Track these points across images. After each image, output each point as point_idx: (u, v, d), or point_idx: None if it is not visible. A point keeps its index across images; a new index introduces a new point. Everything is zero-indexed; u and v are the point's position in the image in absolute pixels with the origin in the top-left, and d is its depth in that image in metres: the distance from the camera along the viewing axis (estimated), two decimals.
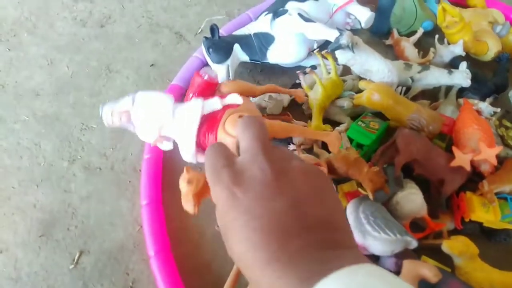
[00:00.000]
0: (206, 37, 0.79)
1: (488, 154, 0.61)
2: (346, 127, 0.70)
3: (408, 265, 0.53)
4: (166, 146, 0.64)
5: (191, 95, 0.65)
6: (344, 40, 0.67)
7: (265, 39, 0.81)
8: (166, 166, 0.74)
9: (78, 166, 0.76)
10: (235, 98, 0.60)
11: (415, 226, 0.65)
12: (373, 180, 0.59)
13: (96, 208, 0.71)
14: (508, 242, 0.66)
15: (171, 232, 0.67)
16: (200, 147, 0.60)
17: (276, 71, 0.88)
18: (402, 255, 0.60)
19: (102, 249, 0.67)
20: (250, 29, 0.83)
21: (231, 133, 0.56)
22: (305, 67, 0.84)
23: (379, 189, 0.61)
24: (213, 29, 0.79)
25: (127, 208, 0.71)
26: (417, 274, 0.52)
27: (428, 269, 0.52)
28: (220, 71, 0.80)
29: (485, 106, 0.68)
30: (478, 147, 0.62)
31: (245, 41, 0.81)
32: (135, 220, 0.69)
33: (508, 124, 0.72)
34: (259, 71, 0.89)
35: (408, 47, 0.86)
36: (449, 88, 0.79)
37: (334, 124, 0.77)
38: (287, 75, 0.88)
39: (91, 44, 0.95)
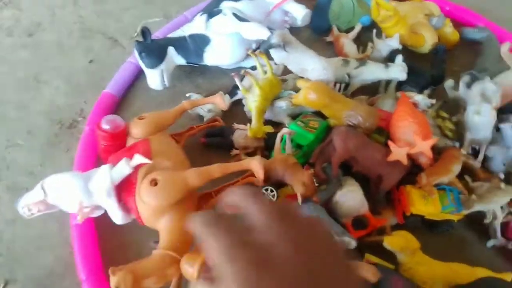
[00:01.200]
0: (138, 41, 0.75)
1: (423, 146, 0.61)
2: (290, 132, 0.68)
3: None
4: (98, 213, 0.60)
5: (102, 146, 0.62)
6: (274, 40, 0.65)
7: (201, 41, 0.78)
8: None
9: (2, 187, 0.70)
10: (141, 159, 0.56)
11: (360, 223, 0.64)
12: (306, 185, 0.58)
13: (22, 232, 0.65)
14: (451, 232, 0.66)
15: (105, 252, 0.63)
16: (127, 210, 0.57)
17: (216, 73, 0.85)
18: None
19: (30, 277, 0.62)
20: (185, 31, 0.79)
21: (149, 202, 0.53)
22: (245, 68, 0.82)
23: (310, 196, 0.59)
24: (144, 32, 0.75)
25: (56, 229, 0.65)
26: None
27: (365, 269, 0.50)
28: (154, 76, 0.76)
29: (421, 98, 0.68)
30: (413, 140, 0.62)
31: (180, 44, 0.78)
32: (65, 242, 0.64)
33: (444, 114, 0.73)
34: (198, 74, 0.86)
35: (347, 43, 0.85)
36: (388, 82, 0.79)
37: (277, 125, 0.75)
38: (228, 77, 0.85)
39: (17, 54, 0.88)
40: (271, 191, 0.62)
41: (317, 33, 0.93)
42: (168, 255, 0.51)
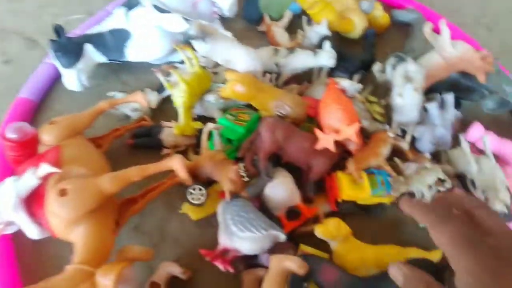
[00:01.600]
0: (52, 40, 0.70)
1: (348, 132, 0.61)
2: (216, 127, 0.65)
3: (273, 260, 0.50)
4: (13, 229, 0.54)
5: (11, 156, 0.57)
6: (192, 31, 0.62)
7: (121, 36, 0.73)
8: None
9: None
10: (47, 169, 0.51)
11: (294, 214, 0.63)
12: (233, 181, 0.55)
13: None
14: (385, 215, 0.66)
15: (24, 270, 0.58)
16: (42, 224, 0.52)
17: (144, 69, 0.81)
18: (279, 249, 0.57)
19: None
20: (104, 26, 0.74)
21: (58, 214, 0.49)
22: (174, 63, 0.78)
23: (238, 191, 0.57)
24: (58, 30, 0.69)
25: None
26: (284, 268, 0.50)
27: (291, 262, 0.49)
28: (71, 76, 0.71)
29: (348, 84, 0.68)
30: (339, 127, 0.61)
31: (99, 40, 0.73)
32: None
33: (372, 98, 0.73)
34: (126, 70, 0.81)
35: (278, 32, 0.84)
36: (321, 70, 0.78)
37: (210, 120, 0.72)
38: None
39: None
40: (200, 189, 0.60)
41: (249, 23, 0.91)
42: (82, 269, 0.48)
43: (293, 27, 0.89)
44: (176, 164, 0.54)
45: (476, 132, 0.67)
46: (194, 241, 0.63)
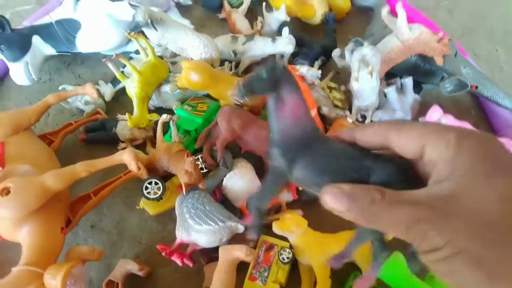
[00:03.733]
0: None
1: None
2: (169, 117, 0.63)
3: (221, 251, 0.50)
4: None
5: None
6: (139, 17, 0.59)
7: (70, 26, 0.70)
8: None
9: None
10: None
11: None
12: (189, 173, 0.54)
13: None
14: None
15: None
16: None
17: (99, 60, 0.76)
18: (238, 240, 0.56)
19: None
20: (52, 17, 0.70)
21: (2, 214, 0.46)
22: (130, 52, 0.76)
23: (196, 183, 0.56)
24: (1, 21, 0.65)
25: None
26: (232, 258, 0.49)
27: (239, 251, 0.49)
28: (18, 70, 0.67)
29: (305, 70, 0.67)
30: None
31: (47, 31, 0.69)
32: None
33: (332, 84, 0.72)
34: (80, 63, 0.78)
35: (238, 18, 0.82)
36: (282, 57, 0.77)
37: (165, 111, 0.70)
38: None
39: None
40: (156, 183, 0.58)
41: (209, 10, 0.88)
42: (28, 270, 0.46)
43: (254, 14, 0.88)
44: (126, 157, 0.52)
45: (435, 114, 0.67)
46: (155, 237, 0.61)
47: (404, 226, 0.21)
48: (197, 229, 0.53)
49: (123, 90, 0.73)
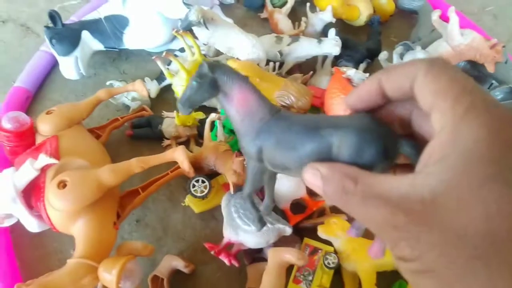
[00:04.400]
0: (47, 27, 0.67)
1: None
2: (217, 116, 0.63)
3: (271, 254, 0.50)
4: (10, 222, 0.53)
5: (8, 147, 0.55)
6: (192, 17, 0.60)
7: (119, 22, 0.71)
8: None
9: None
10: (46, 160, 0.50)
11: (299, 207, 0.62)
12: (237, 173, 0.54)
13: None
14: None
15: (24, 265, 0.57)
16: (41, 216, 0.50)
17: (143, 57, 0.79)
18: (283, 242, 0.56)
19: None
20: (101, 13, 0.71)
21: (58, 207, 0.47)
22: (174, 50, 0.76)
23: (243, 184, 0.55)
24: (53, 16, 0.67)
25: None
26: (283, 261, 0.49)
27: (290, 254, 0.48)
28: (68, 64, 0.68)
29: (353, 73, 0.66)
30: None
31: (96, 27, 0.70)
32: None
33: None
34: (124, 59, 0.79)
35: (281, 19, 0.81)
36: (325, 58, 0.76)
37: (211, 110, 0.70)
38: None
39: None
40: (202, 181, 0.58)
41: (251, 10, 0.88)
42: (84, 263, 0.46)
43: (296, 14, 0.87)
44: (179, 155, 0.53)
45: None
46: (197, 234, 0.62)
47: (375, 225, 0.19)
48: (245, 230, 0.53)
49: (167, 88, 0.74)
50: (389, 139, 0.22)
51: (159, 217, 0.63)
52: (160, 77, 0.73)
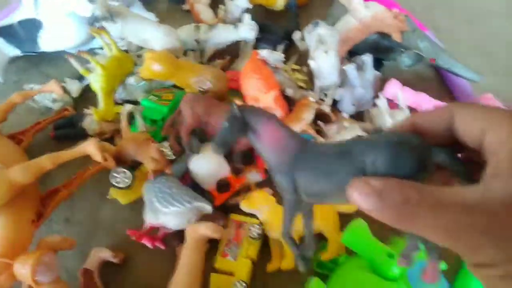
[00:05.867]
0: None
1: (266, 100, 0.62)
2: (131, 108, 0.64)
3: (188, 229, 0.52)
4: None
5: None
6: (98, 12, 0.60)
7: (32, 26, 0.70)
8: None
9: None
10: None
11: (225, 186, 0.64)
12: (155, 159, 0.56)
13: None
14: None
15: None
16: None
17: (65, 58, 0.78)
18: (208, 220, 0.58)
19: None
20: (14, 18, 0.71)
21: None
22: (95, 49, 0.77)
23: (162, 169, 0.57)
24: None
25: None
26: (199, 235, 0.51)
27: (205, 227, 0.51)
28: None
29: (267, 54, 0.69)
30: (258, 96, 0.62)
31: (9, 32, 0.70)
32: None
33: (295, 67, 0.74)
34: (47, 62, 0.79)
35: (202, 9, 0.83)
36: (246, 43, 0.79)
37: (135, 104, 0.71)
38: (80, 61, 0.79)
39: None
40: (123, 172, 0.59)
41: (173, 3, 0.90)
42: None
43: (218, 3, 0.89)
44: (91, 148, 0.54)
45: (392, 88, 0.70)
46: (130, 226, 0.62)
47: (447, 233, 0.18)
48: (164, 212, 0.54)
49: (89, 87, 0.75)
50: (423, 148, 0.22)
51: (88, 213, 0.63)
52: (81, 76, 0.73)
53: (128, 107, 0.61)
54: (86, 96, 0.74)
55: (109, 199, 0.63)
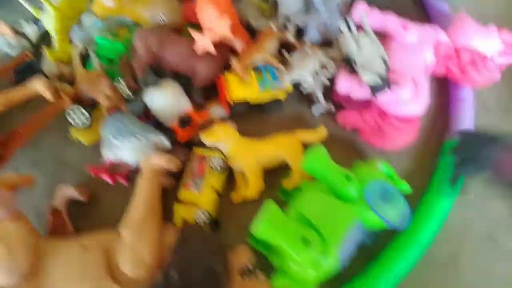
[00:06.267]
0: None
1: (220, 28, 0.59)
2: (83, 47, 0.62)
3: (143, 162, 0.53)
4: None
5: None
6: None
7: None
8: None
9: None
10: None
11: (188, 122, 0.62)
12: (108, 96, 0.55)
13: None
14: (284, 110, 0.67)
15: None
16: None
17: (20, 6, 0.75)
18: (173, 154, 0.58)
19: None
20: None
21: None
22: None
23: (117, 106, 0.56)
24: None
25: None
26: (152, 165, 0.52)
27: (158, 158, 0.52)
28: None
29: None
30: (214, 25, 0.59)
31: None
32: None
33: None
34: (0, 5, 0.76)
35: None
36: None
37: None
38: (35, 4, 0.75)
39: None
40: (78, 109, 0.58)
41: None
42: None
43: None
44: (39, 85, 0.53)
45: (359, 11, 0.66)
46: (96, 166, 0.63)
47: None
48: (119, 147, 0.54)
49: None
50: None
51: (55, 156, 0.64)
52: (38, 19, 0.71)
53: (79, 45, 0.59)
54: (48, 42, 0.72)
55: (76, 142, 0.63)
